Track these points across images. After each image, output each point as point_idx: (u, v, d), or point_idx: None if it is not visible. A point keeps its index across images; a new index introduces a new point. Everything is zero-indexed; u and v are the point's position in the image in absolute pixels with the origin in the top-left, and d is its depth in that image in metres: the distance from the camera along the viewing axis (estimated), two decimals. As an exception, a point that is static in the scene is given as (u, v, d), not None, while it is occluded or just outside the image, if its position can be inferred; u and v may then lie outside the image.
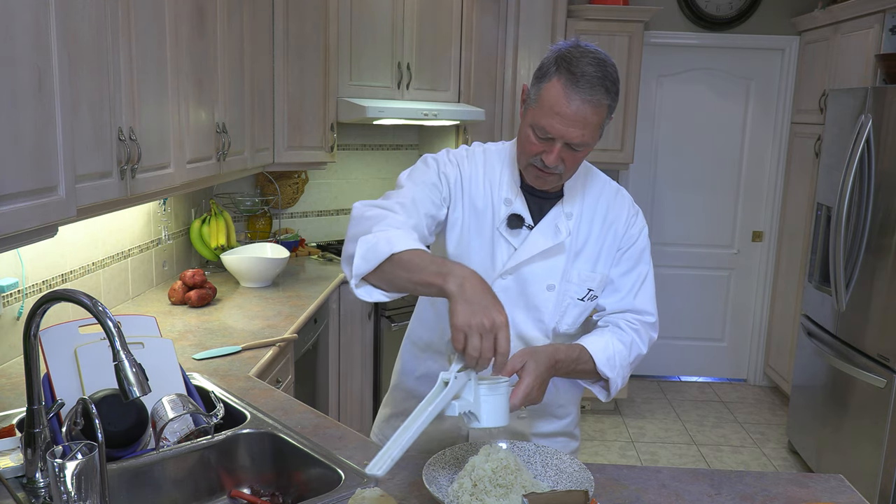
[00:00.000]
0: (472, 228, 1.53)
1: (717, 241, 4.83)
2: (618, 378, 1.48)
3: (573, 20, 4.12)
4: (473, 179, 1.54)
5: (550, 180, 1.45)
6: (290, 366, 2.43)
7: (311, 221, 3.96)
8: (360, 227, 1.35)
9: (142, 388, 1.17)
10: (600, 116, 1.36)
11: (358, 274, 1.28)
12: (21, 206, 1.30)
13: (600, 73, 1.34)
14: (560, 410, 1.64)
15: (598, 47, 1.40)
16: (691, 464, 3.74)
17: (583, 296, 1.54)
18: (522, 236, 1.51)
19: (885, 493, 2.99)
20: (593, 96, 1.33)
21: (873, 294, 3.09)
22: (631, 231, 1.57)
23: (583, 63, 1.33)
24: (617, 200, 1.58)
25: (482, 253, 1.53)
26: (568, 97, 1.33)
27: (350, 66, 3.42)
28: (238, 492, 1.53)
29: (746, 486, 1.43)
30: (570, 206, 1.53)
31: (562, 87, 1.34)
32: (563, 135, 1.35)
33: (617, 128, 4.19)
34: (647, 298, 1.58)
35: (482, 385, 1.20)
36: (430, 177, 1.52)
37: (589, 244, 1.54)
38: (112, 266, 2.52)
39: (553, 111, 1.35)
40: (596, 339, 1.49)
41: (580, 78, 1.32)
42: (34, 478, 1.30)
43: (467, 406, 1.19)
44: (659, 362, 4.93)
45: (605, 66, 1.36)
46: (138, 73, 1.87)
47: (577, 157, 1.41)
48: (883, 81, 3.34)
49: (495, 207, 1.52)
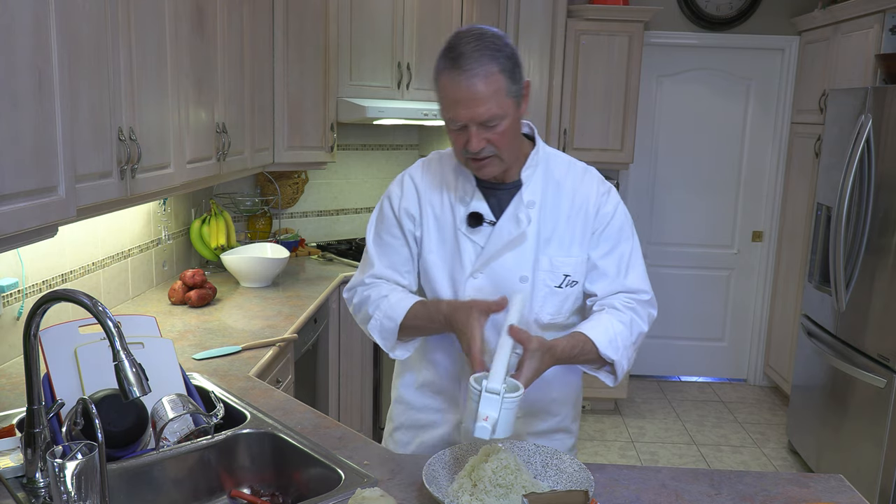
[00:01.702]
0: (436, 236, 1.55)
1: (717, 241, 4.83)
2: (623, 360, 1.46)
3: (573, 20, 4.12)
4: (431, 188, 1.56)
5: (489, 165, 1.44)
6: (290, 366, 2.43)
7: (311, 221, 3.96)
8: (361, 315, 1.58)
9: (142, 388, 1.17)
10: (497, 84, 1.35)
11: (389, 350, 1.54)
12: (21, 206, 1.30)
13: (479, 45, 1.34)
14: (554, 406, 1.63)
15: (482, 25, 1.41)
16: (691, 464, 3.74)
17: (559, 283, 1.52)
18: (486, 233, 1.51)
19: (885, 493, 2.99)
20: (479, 68, 1.33)
21: (873, 294, 3.09)
22: (604, 210, 1.54)
23: (461, 44, 1.35)
24: (585, 181, 1.56)
25: (450, 256, 1.54)
26: (455, 81, 1.34)
27: (350, 66, 3.42)
28: (238, 492, 1.53)
29: (746, 486, 1.43)
30: (531, 195, 1.52)
31: (448, 74, 1.36)
32: (469, 117, 1.36)
33: (616, 128, 4.19)
34: (638, 276, 1.56)
35: (507, 399, 1.23)
36: (391, 229, 1.58)
37: (559, 229, 1.52)
38: (112, 266, 2.52)
39: (450, 100, 1.37)
40: (594, 323, 1.47)
41: (459, 58, 1.34)
42: (34, 478, 1.30)
43: (493, 423, 1.22)
44: (659, 362, 4.93)
45: (484, 37, 1.36)
46: (138, 73, 1.87)
47: (503, 133, 1.39)
48: (883, 81, 3.34)
49: (454, 210, 1.53)
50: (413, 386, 1.67)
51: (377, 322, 1.52)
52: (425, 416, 1.66)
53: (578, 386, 1.69)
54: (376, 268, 1.58)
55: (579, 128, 4.20)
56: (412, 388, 1.67)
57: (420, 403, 1.66)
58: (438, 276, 1.55)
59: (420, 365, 1.65)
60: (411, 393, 1.67)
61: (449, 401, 1.62)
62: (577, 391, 1.69)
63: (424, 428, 1.66)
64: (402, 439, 1.68)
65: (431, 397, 1.65)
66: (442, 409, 1.63)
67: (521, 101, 1.42)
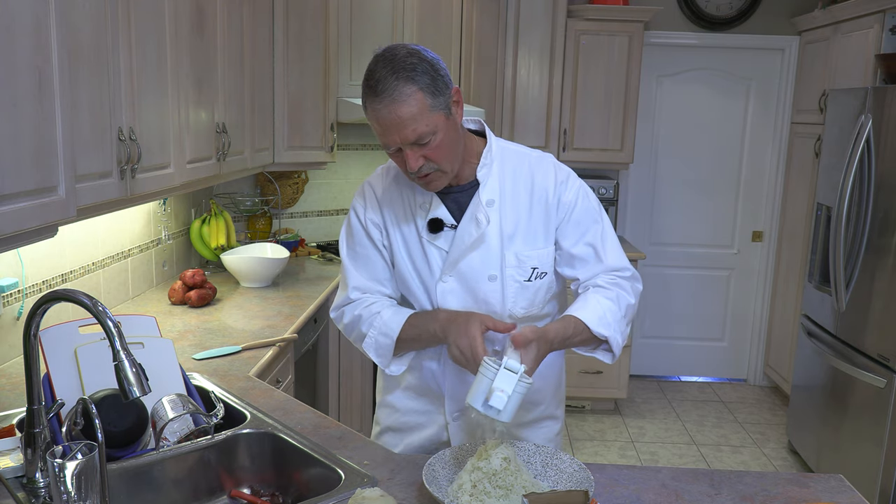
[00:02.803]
0: (403, 245, 1.55)
1: (717, 241, 4.83)
2: (616, 335, 1.46)
3: (573, 20, 4.12)
4: (392, 198, 1.56)
5: (434, 180, 1.43)
6: (290, 366, 2.43)
7: (311, 221, 3.96)
8: (355, 334, 1.59)
9: (142, 388, 1.18)
10: (417, 104, 1.33)
11: (384, 366, 1.56)
12: (21, 206, 1.30)
13: (392, 68, 1.33)
14: (538, 395, 1.63)
15: (398, 44, 1.40)
16: (691, 464, 3.74)
17: (528, 276, 1.52)
18: (448, 237, 1.51)
19: (885, 493, 2.99)
20: (394, 93, 1.32)
21: (873, 294, 3.09)
22: (565, 199, 1.53)
23: (377, 70, 1.35)
24: (540, 169, 1.54)
25: (418, 263, 1.54)
26: (376, 109, 1.35)
27: (350, 66, 3.42)
28: (238, 492, 1.53)
29: (746, 486, 1.43)
30: (489, 193, 1.51)
31: (370, 104, 1.36)
32: (400, 140, 1.36)
33: (616, 128, 4.19)
34: (615, 255, 1.55)
35: (521, 382, 1.26)
36: (362, 240, 1.58)
37: (521, 223, 1.52)
38: (112, 266, 2.52)
39: (379, 127, 1.37)
40: (581, 304, 1.47)
41: (375, 86, 1.34)
42: (34, 478, 1.30)
43: (504, 400, 1.24)
44: (659, 362, 4.93)
45: (395, 59, 1.34)
46: (138, 73, 1.87)
47: (438, 148, 1.38)
48: (883, 81, 3.34)
49: (416, 217, 1.53)
50: (398, 389, 1.67)
51: (372, 340, 1.53)
52: (411, 418, 1.66)
53: (561, 371, 1.71)
54: (357, 281, 1.58)
55: (579, 128, 4.20)
56: (397, 391, 1.67)
57: (405, 406, 1.67)
58: (411, 282, 1.56)
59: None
60: (396, 396, 1.68)
61: (434, 402, 1.63)
62: (559, 376, 1.71)
63: (412, 430, 1.66)
64: (390, 442, 1.68)
65: (416, 399, 1.65)
66: (428, 411, 1.64)
67: (452, 109, 1.40)
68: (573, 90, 4.18)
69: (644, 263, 4.55)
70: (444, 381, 1.59)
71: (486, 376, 1.26)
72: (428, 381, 1.61)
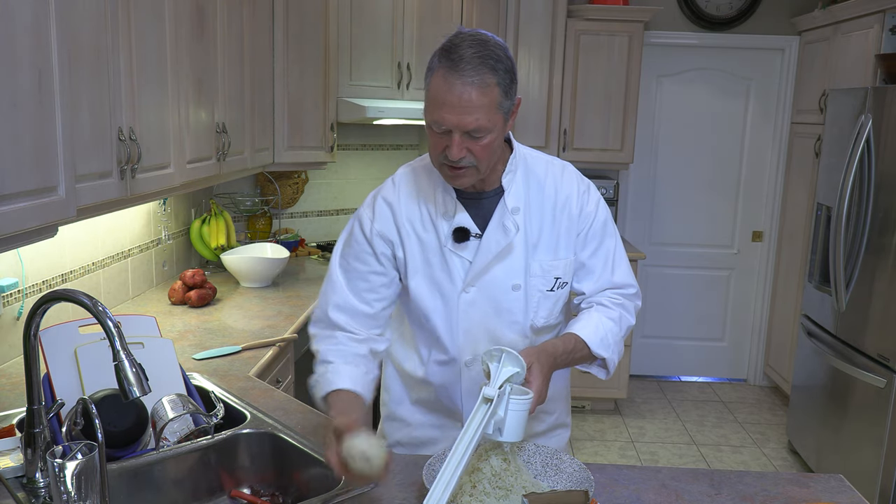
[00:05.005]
0: (420, 256, 1.49)
1: (717, 241, 4.83)
2: (614, 356, 1.48)
3: (573, 20, 4.12)
4: (409, 207, 1.50)
5: (466, 176, 1.38)
6: (290, 366, 2.43)
7: (311, 221, 3.96)
8: (315, 359, 1.53)
9: (142, 388, 1.17)
10: (491, 97, 1.30)
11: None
12: (21, 206, 1.30)
13: (481, 53, 1.29)
14: (550, 406, 1.63)
15: (485, 31, 1.36)
16: (691, 464, 3.74)
17: (551, 286, 1.51)
18: (473, 247, 1.47)
19: (885, 493, 2.99)
20: (476, 77, 1.28)
21: (873, 294, 3.09)
22: (587, 210, 1.52)
23: (462, 47, 1.29)
24: (564, 179, 1.52)
25: (438, 274, 1.49)
26: (450, 84, 1.28)
27: (350, 66, 3.42)
28: (238, 492, 1.53)
29: (746, 486, 1.43)
30: (514, 200, 1.48)
31: (443, 75, 1.30)
32: (456, 123, 1.30)
33: (616, 128, 4.19)
34: (624, 271, 1.55)
35: (513, 400, 1.21)
36: (360, 254, 1.51)
37: (545, 233, 1.50)
38: (112, 266, 2.52)
39: (440, 101, 1.30)
40: (585, 323, 1.47)
41: (459, 62, 1.28)
42: (34, 478, 1.30)
43: (501, 423, 1.20)
44: (659, 362, 4.93)
45: (487, 45, 1.31)
46: (138, 73, 1.87)
47: (485, 146, 1.34)
48: (883, 81, 3.34)
49: (437, 226, 1.48)
50: (407, 403, 1.64)
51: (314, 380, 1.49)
52: (424, 432, 1.64)
53: (567, 380, 1.72)
54: (339, 296, 1.51)
55: (579, 128, 4.20)
56: (406, 405, 1.65)
57: (417, 420, 1.64)
58: (426, 297, 1.50)
59: (412, 382, 1.62)
60: (406, 410, 1.65)
61: (449, 416, 1.60)
62: (567, 385, 1.72)
63: (424, 445, 1.64)
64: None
65: (428, 414, 1.62)
66: (441, 425, 1.62)
67: (510, 117, 1.38)
68: (573, 90, 4.18)
69: (644, 263, 4.55)
70: (458, 396, 1.57)
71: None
72: (441, 396, 1.58)
